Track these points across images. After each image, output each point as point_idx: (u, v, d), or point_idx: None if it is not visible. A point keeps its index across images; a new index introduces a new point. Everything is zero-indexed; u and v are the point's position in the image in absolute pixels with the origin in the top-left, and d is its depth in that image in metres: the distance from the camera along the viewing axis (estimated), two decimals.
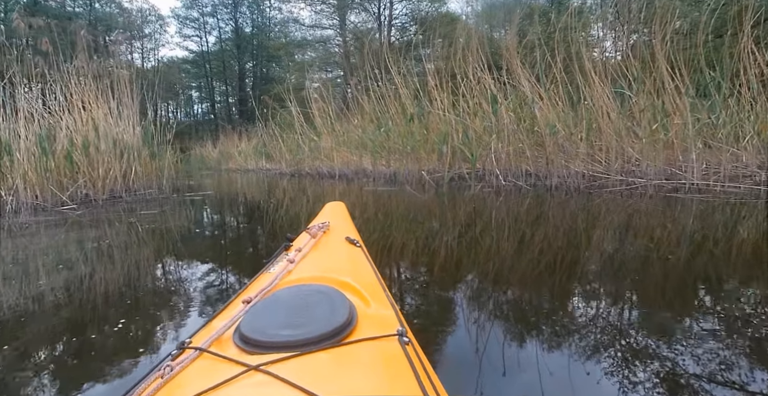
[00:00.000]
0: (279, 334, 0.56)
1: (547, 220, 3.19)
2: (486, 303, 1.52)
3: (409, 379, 0.50)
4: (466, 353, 1.13)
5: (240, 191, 7.19)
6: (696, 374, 1.00)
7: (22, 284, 1.87)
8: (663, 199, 3.91)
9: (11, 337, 1.31)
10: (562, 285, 1.75)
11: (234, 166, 14.84)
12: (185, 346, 0.60)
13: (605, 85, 4.90)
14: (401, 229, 3.06)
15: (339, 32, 23.83)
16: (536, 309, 1.44)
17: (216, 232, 3.27)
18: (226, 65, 31.90)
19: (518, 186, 5.09)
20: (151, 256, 2.43)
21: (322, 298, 0.66)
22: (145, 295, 1.70)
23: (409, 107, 6.95)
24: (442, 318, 1.41)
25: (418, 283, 1.82)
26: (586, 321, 1.33)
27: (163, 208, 4.58)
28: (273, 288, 0.79)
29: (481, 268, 2.00)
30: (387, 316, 0.70)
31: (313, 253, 1.03)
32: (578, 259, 2.09)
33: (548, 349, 1.14)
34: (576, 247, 2.32)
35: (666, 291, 1.66)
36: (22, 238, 3.01)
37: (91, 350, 1.20)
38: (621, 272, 1.87)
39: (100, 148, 5.33)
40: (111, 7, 27.41)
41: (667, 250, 2.19)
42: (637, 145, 4.62)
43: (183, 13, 32.16)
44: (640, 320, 1.34)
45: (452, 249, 2.39)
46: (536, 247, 2.40)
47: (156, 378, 0.52)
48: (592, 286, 1.70)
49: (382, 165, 7.31)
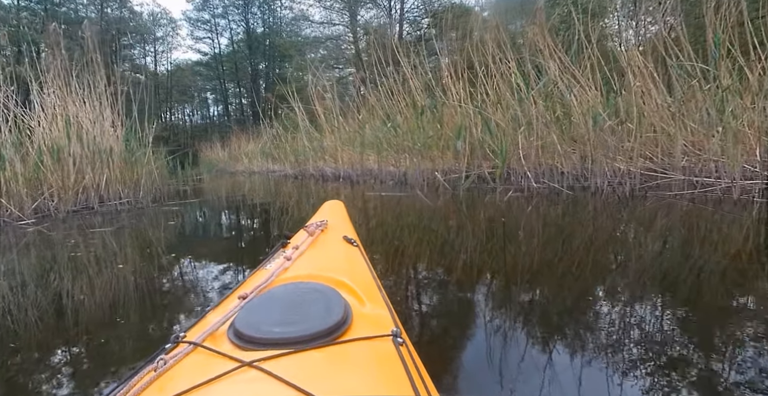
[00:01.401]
0: (273, 331, 0.56)
1: (610, 242, 2.34)
2: (483, 306, 1.50)
3: (401, 379, 0.50)
4: (460, 355, 1.14)
5: (230, 199, 6.53)
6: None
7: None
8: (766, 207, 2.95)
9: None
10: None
11: (241, 168, 14.34)
12: (179, 340, 0.59)
13: (649, 65, 3.98)
14: (408, 259, 2.27)
15: (349, 28, 23.25)
16: (535, 310, 1.41)
17: (160, 273, 2.14)
18: (239, 66, 31.61)
19: (552, 188, 4.22)
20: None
21: (318, 297, 0.66)
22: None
23: (419, 99, 6.13)
24: (436, 319, 1.41)
25: (413, 285, 1.78)
26: (584, 321, 1.29)
27: (130, 221, 3.91)
28: (269, 285, 0.78)
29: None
30: (382, 316, 0.70)
31: (310, 251, 1.01)
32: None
33: (543, 351, 1.11)
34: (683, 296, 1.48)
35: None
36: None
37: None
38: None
39: (72, 153, 4.72)
40: (122, 11, 27.39)
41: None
42: (700, 135, 3.68)
43: (194, 16, 32.01)
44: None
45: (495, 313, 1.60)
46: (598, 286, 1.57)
47: (149, 371, 0.52)
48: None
49: (390, 165, 6.52)
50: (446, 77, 5.98)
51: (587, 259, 1.99)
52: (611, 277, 1.71)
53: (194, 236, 3.28)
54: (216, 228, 3.60)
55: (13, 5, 21.26)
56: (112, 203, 4.71)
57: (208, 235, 3.35)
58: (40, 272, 2.23)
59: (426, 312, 1.47)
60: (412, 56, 6.46)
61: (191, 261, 2.41)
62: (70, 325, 1.49)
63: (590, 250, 2.17)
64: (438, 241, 2.48)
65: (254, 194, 6.94)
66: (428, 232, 2.78)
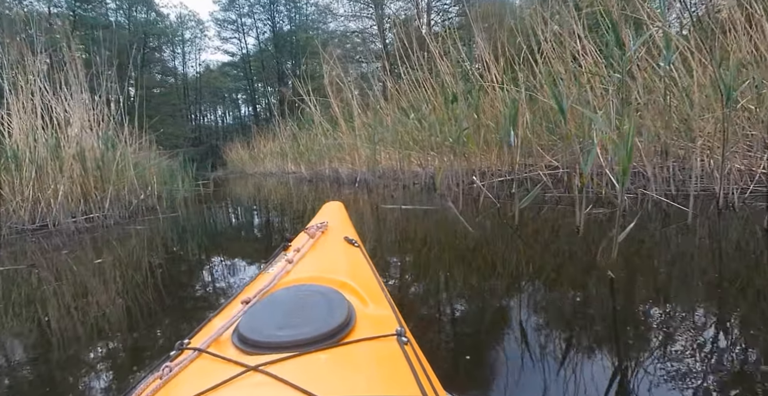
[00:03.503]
0: (277, 335, 0.55)
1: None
2: (486, 304, 1.43)
3: (407, 378, 0.50)
4: (466, 353, 1.08)
5: (221, 210, 5.57)
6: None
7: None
8: None
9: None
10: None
11: (260, 169, 13.59)
12: (184, 346, 0.59)
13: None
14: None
15: (375, 21, 22.28)
16: (537, 309, 1.35)
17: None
18: (265, 65, 31.20)
19: (645, 199, 2.88)
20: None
21: (321, 299, 0.65)
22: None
23: (450, 85, 4.89)
24: (440, 318, 1.35)
25: (416, 284, 1.70)
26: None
27: (60, 251, 2.95)
28: (272, 288, 0.77)
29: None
30: (385, 316, 0.69)
31: (311, 253, 1.00)
32: None
33: (550, 350, 1.07)
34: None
35: None
36: None
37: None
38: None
39: (34, 158, 3.86)
40: (151, 14, 27.49)
41: None
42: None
43: (221, 16, 31.87)
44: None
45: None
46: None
47: (155, 379, 0.51)
48: None
49: (415, 165, 5.33)
50: (484, 59, 4.74)
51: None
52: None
53: (155, 267, 2.24)
54: (154, 281, 2.05)
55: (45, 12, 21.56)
56: (70, 221, 3.78)
57: (125, 296, 2.30)
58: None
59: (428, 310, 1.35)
60: (440, 44, 5.23)
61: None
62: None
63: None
64: (495, 346, 1.29)
65: (249, 203, 5.96)
66: (470, 304, 1.59)
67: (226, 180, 13.65)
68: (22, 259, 2.68)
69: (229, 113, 37.32)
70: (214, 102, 35.08)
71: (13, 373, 1.15)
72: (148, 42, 26.48)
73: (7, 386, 1.07)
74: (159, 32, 27.70)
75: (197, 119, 34.04)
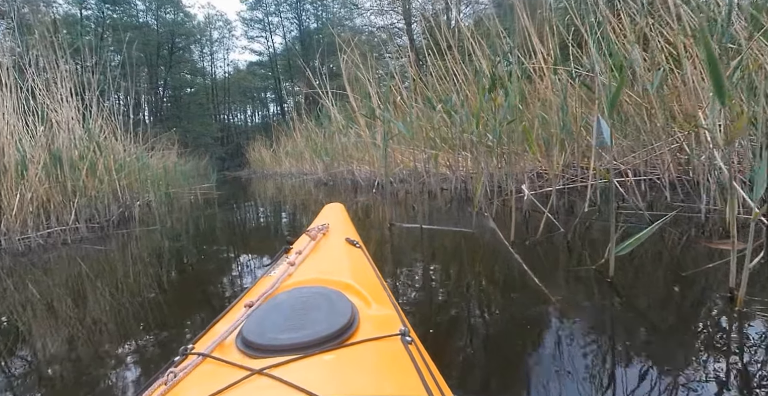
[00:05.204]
0: (281, 338, 0.55)
1: None
2: (489, 303, 1.40)
3: (412, 378, 0.49)
4: (470, 352, 1.07)
5: (213, 219, 4.86)
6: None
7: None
8: None
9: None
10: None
11: (280, 170, 13.02)
12: (188, 351, 0.58)
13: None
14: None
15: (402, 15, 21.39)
16: (541, 310, 1.26)
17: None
18: (292, 64, 30.87)
19: None
20: None
21: (323, 300, 0.65)
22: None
23: (488, 68, 3.91)
24: (444, 317, 1.29)
25: (419, 284, 1.66)
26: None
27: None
28: (274, 291, 0.76)
29: None
30: (389, 316, 0.69)
31: (313, 255, 1.00)
32: None
33: (554, 350, 1.03)
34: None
35: None
36: None
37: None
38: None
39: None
40: (179, 15, 27.65)
41: None
42: None
43: (248, 15, 31.80)
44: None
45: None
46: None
47: (159, 385, 0.50)
48: None
49: (443, 167, 4.40)
50: (528, 37, 3.79)
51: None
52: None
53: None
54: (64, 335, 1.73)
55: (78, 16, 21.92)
56: (17, 238, 3.12)
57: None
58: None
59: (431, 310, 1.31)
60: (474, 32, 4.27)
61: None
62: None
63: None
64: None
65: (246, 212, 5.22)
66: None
67: (248, 180, 13.19)
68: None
69: (258, 112, 37.34)
70: (243, 102, 35.09)
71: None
72: (176, 43, 26.62)
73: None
74: (186, 32, 27.78)
75: (226, 119, 34.15)
